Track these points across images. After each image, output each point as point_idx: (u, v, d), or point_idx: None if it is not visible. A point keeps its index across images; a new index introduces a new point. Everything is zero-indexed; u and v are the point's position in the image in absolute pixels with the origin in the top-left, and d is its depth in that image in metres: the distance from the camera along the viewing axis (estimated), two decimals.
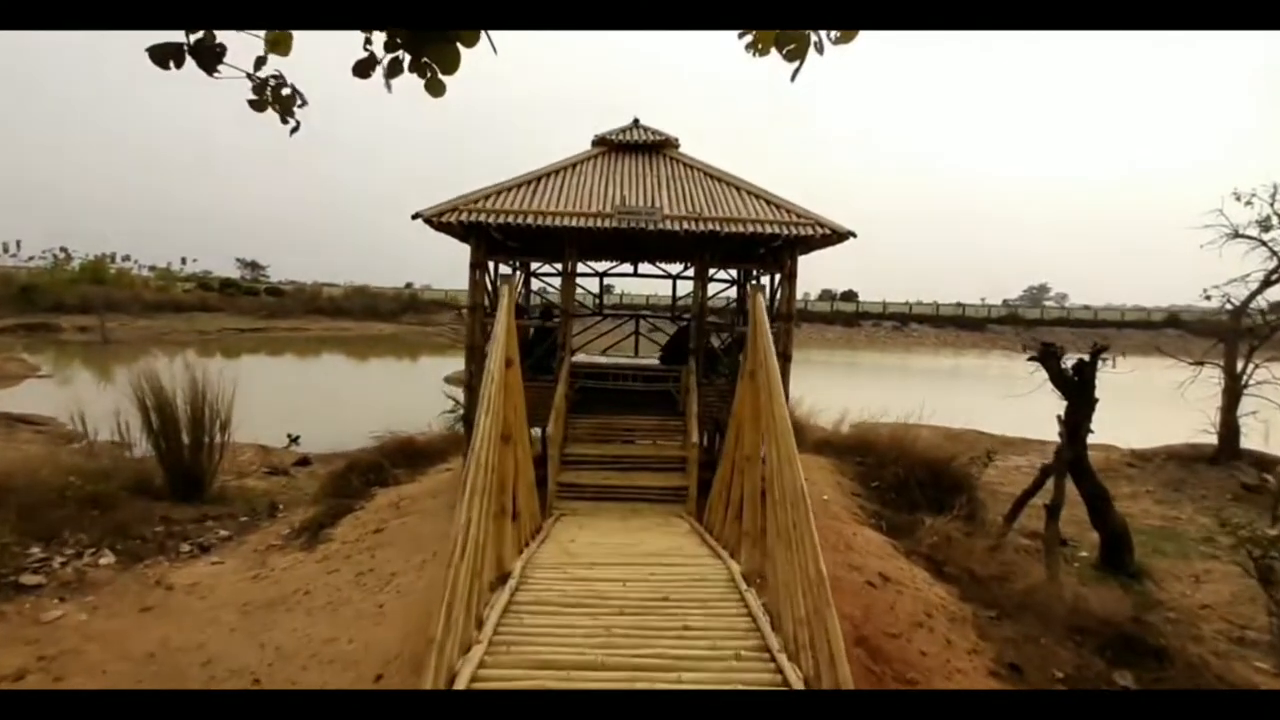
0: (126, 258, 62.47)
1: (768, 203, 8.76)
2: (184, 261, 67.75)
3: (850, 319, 62.39)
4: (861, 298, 71.35)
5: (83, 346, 39.42)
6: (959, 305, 66.27)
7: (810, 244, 8.57)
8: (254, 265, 73.01)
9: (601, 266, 12.82)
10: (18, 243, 65.10)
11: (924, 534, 7.93)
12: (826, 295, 72.53)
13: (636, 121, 10.23)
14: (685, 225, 8.19)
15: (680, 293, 12.76)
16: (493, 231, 8.52)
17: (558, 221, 8.12)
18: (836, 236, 8.22)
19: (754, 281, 11.29)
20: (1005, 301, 78.76)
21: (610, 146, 9.88)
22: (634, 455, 8.29)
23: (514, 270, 11.44)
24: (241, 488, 12.90)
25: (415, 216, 7.99)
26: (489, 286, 9.32)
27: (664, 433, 8.71)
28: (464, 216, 8.05)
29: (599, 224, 8.10)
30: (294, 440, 17.75)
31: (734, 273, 12.00)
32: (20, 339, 39.67)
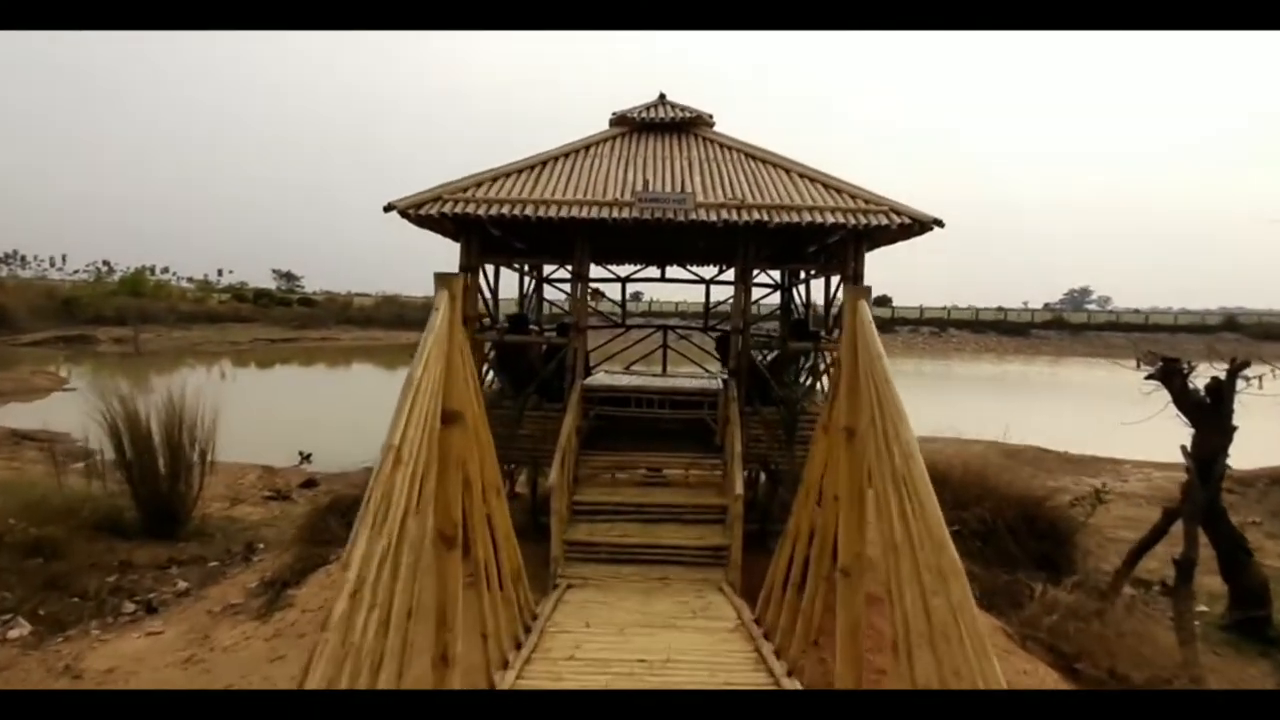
0: (165, 270, 62.84)
1: (825, 186, 6.94)
2: (220, 273, 67.93)
3: (885, 325, 59.77)
4: (895, 303, 68.54)
5: (115, 358, 39.22)
6: (1000, 309, 63.10)
7: (881, 236, 6.73)
8: (289, 276, 72.92)
9: (622, 271, 11.06)
10: (64, 257, 66.13)
11: (1036, 609, 6.00)
12: None
13: (663, 97, 8.47)
14: (723, 215, 6.42)
15: (715, 298, 10.93)
16: (488, 227, 6.85)
17: (566, 212, 6.41)
18: (918, 226, 6.34)
19: (806, 279, 9.46)
20: (1047, 305, 75.18)
21: (631, 126, 8.14)
22: (661, 504, 6.51)
23: (523, 275, 9.71)
24: (228, 519, 11.43)
25: (389, 208, 6.34)
26: (485, 295, 7.68)
27: (699, 472, 6.92)
28: (448, 207, 6.37)
29: (617, 214, 6.37)
30: (305, 458, 16.37)
31: (771, 276, 10.21)
32: (59, 350, 39.63)
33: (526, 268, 9.62)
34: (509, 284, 9.80)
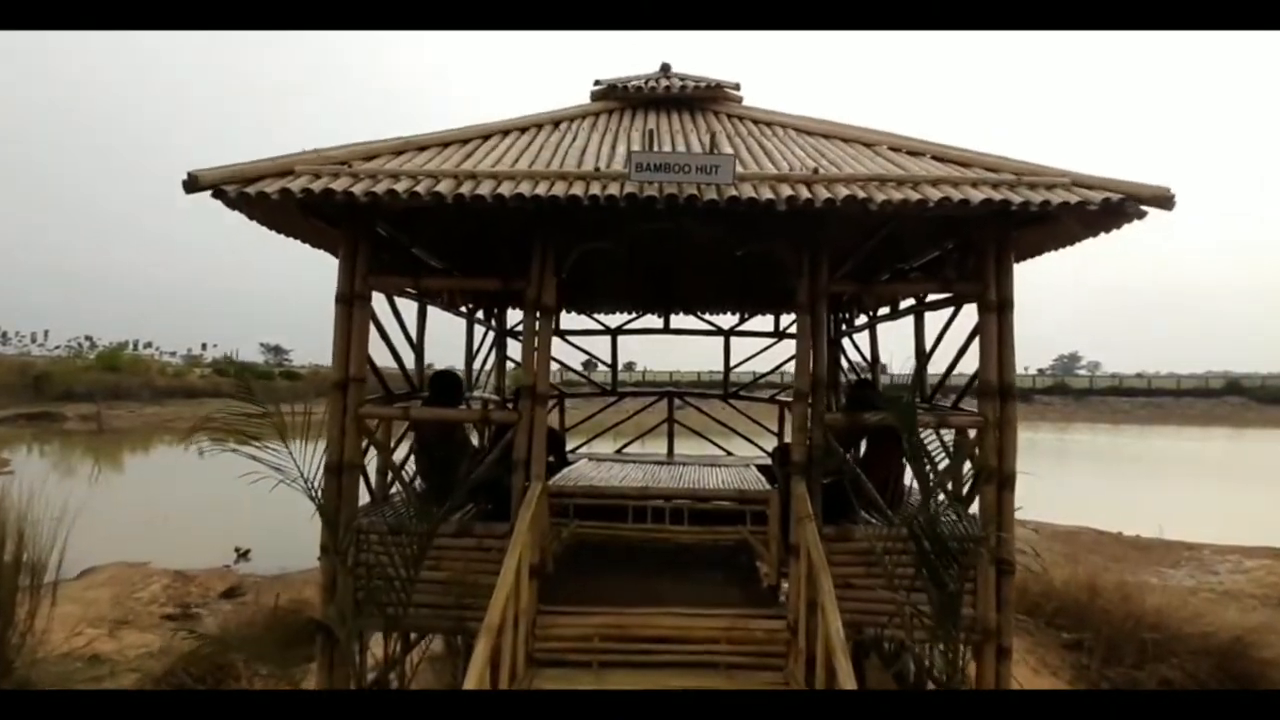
0: (149, 344, 59.97)
1: (937, 159, 4.15)
2: (204, 347, 64.96)
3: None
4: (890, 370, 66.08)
5: (81, 436, 36.47)
6: None
7: (1049, 232, 3.89)
8: (277, 349, 70.14)
9: (611, 321, 8.09)
10: (45, 332, 63.44)
11: None
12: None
13: (667, 69, 5.79)
14: (785, 191, 3.58)
15: (734, 355, 7.95)
16: (388, 226, 4.00)
17: (512, 188, 3.55)
18: (1132, 205, 3.47)
19: (871, 321, 6.55)
20: (1040, 371, 72.79)
21: (624, 101, 5.39)
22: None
23: (472, 320, 6.70)
24: (92, 657, 8.08)
25: (193, 185, 3.39)
26: (394, 348, 4.75)
27: (746, 641, 3.83)
28: (301, 183, 3.49)
29: (600, 191, 3.52)
30: (243, 555, 13.14)
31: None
32: (23, 429, 36.77)
33: (486, 315, 6.68)
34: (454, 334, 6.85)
